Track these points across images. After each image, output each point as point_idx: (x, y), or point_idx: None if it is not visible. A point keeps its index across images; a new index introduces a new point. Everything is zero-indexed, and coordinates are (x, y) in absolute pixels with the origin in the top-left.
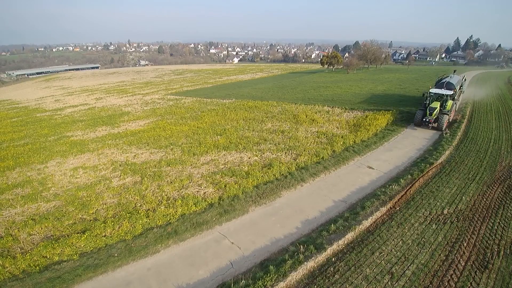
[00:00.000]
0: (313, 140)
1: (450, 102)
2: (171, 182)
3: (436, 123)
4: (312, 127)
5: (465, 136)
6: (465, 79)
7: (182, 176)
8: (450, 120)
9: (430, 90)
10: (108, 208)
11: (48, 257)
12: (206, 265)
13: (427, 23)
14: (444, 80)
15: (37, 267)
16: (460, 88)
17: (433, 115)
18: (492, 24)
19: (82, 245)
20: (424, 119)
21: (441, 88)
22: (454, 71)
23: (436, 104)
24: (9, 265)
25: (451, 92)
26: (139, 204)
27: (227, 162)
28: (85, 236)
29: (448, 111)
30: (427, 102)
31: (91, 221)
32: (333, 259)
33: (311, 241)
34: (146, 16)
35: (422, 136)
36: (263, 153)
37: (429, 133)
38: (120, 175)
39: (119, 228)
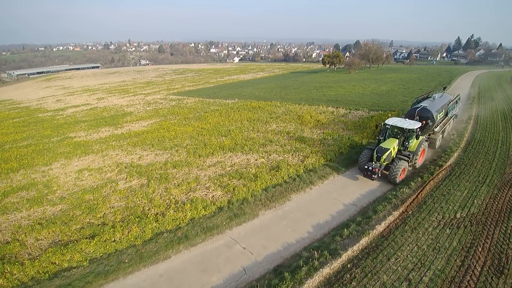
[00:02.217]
0: (319, 142)
1: (415, 141)
2: (178, 185)
3: (389, 172)
4: (318, 128)
5: (473, 137)
6: (458, 100)
7: (189, 179)
8: (417, 165)
9: (386, 121)
10: (116, 212)
11: (57, 263)
12: (219, 271)
13: (428, 22)
14: (418, 106)
15: (47, 274)
16: (446, 115)
17: (382, 160)
18: (493, 23)
19: (92, 251)
20: (367, 167)
21: (412, 116)
22: (444, 88)
23: (391, 143)
24: (18, 272)
25: (417, 126)
26: (147, 208)
27: (234, 164)
28: (94, 241)
29: (409, 154)
30: (382, 138)
31: (100, 226)
32: (348, 265)
33: (324, 246)
34: (146, 15)
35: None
36: (270, 155)
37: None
38: (126, 177)
39: (128, 233)
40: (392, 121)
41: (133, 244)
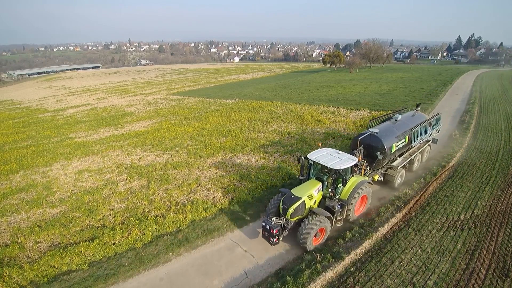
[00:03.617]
0: (320, 142)
1: (348, 185)
2: (178, 186)
3: (297, 233)
4: (319, 128)
5: (475, 137)
6: (436, 120)
7: (190, 180)
8: (352, 218)
9: (309, 155)
10: (116, 213)
11: (56, 266)
12: (220, 274)
13: (428, 21)
14: (365, 132)
15: (46, 278)
16: (410, 142)
17: (289, 215)
18: (494, 23)
19: (91, 254)
20: (264, 224)
21: (355, 146)
22: (418, 105)
23: (308, 189)
24: (16, 275)
25: (349, 164)
26: (148, 210)
27: (235, 165)
28: (94, 244)
29: (339, 205)
30: (303, 178)
31: (99, 228)
32: (351, 268)
33: (327, 249)
34: (147, 15)
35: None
36: (271, 155)
37: (438, 134)
38: (126, 178)
39: (128, 235)
40: (316, 155)
41: (133, 247)
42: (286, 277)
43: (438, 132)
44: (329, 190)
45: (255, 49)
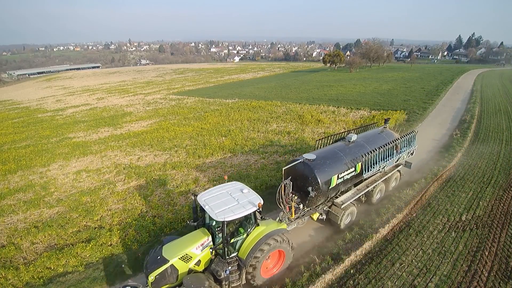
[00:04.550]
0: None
1: (251, 237)
2: (177, 187)
3: None
4: (319, 128)
5: (476, 137)
6: (409, 141)
7: (188, 180)
8: (256, 282)
9: (199, 197)
10: (113, 214)
11: (52, 268)
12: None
13: (429, 21)
14: (297, 159)
15: (41, 280)
16: (382, 167)
17: (150, 283)
18: (494, 22)
19: (88, 255)
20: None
21: (286, 176)
22: (386, 121)
23: (189, 244)
24: (12, 277)
25: (245, 213)
26: (145, 210)
27: (234, 165)
28: (90, 245)
29: (235, 265)
30: (193, 223)
31: (96, 229)
32: (351, 271)
33: (326, 250)
34: (147, 15)
35: (431, 137)
36: (270, 155)
37: (439, 133)
38: (125, 178)
39: (125, 236)
40: (209, 195)
41: (129, 248)
42: (285, 279)
43: (412, 154)
44: (221, 244)
45: (255, 48)
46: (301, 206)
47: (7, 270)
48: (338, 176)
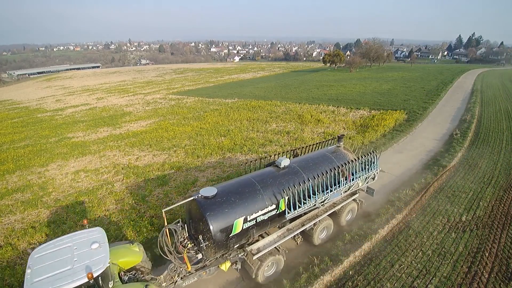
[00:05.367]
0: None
1: None
2: (175, 187)
3: None
4: (318, 128)
5: (476, 137)
6: (368, 165)
7: (187, 180)
8: None
9: (34, 252)
10: (111, 214)
11: None
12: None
13: (429, 20)
14: (195, 195)
15: None
16: (321, 201)
17: None
18: (495, 22)
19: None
20: None
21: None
22: (340, 138)
23: None
24: (9, 277)
25: (76, 284)
26: (143, 211)
27: (233, 165)
28: None
29: None
30: None
31: None
32: (350, 272)
33: (325, 251)
34: (147, 15)
35: (432, 137)
36: (269, 155)
37: (439, 133)
38: (123, 179)
39: (122, 237)
40: (46, 250)
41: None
42: (283, 281)
43: (374, 179)
44: None
45: (255, 48)
46: (199, 256)
47: (3, 270)
48: (246, 218)
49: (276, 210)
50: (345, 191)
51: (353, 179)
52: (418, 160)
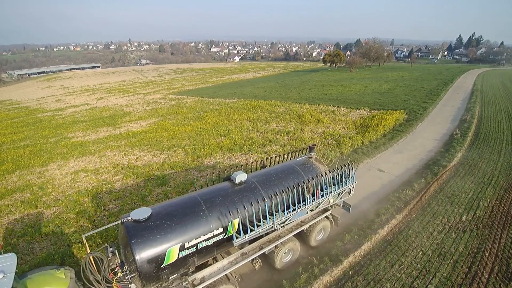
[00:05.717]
0: (319, 142)
1: None
2: (175, 187)
3: None
4: (318, 128)
5: (476, 137)
6: (343, 178)
7: (187, 180)
8: None
9: None
10: (111, 215)
11: None
12: None
13: (429, 20)
14: (124, 218)
15: None
16: (282, 222)
17: None
18: (495, 22)
19: (83, 256)
20: None
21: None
22: (311, 148)
23: None
24: None
25: None
26: None
27: (233, 165)
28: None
29: None
30: None
31: (93, 229)
32: (350, 272)
33: (325, 251)
34: (147, 15)
35: (432, 137)
36: (269, 155)
37: (439, 133)
38: (122, 178)
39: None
40: None
41: None
42: (282, 281)
43: (350, 193)
44: None
45: (256, 48)
46: (132, 286)
47: None
48: (183, 245)
49: (224, 234)
50: (313, 209)
51: (322, 196)
52: (418, 160)
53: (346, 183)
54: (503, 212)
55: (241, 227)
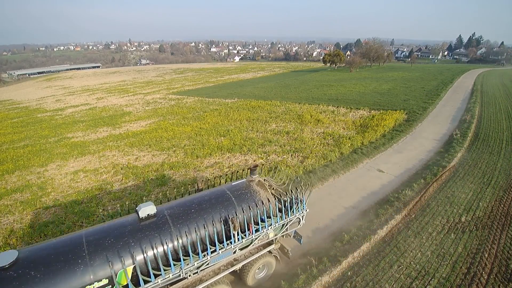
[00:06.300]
0: (319, 142)
1: None
2: (175, 187)
3: None
4: (318, 128)
5: (476, 137)
6: (293, 206)
7: (186, 180)
8: None
9: None
10: (110, 214)
11: None
12: None
13: (429, 20)
14: None
15: None
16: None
17: None
18: (495, 22)
19: None
20: None
21: None
22: (252, 170)
23: None
24: None
25: None
26: None
27: (232, 165)
28: None
29: None
30: None
31: None
32: (349, 273)
33: (323, 252)
34: (147, 15)
35: (431, 137)
36: (269, 156)
37: (439, 133)
38: (122, 179)
39: None
40: None
41: None
42: (281, 282)
43: (300, 224)
44: None
45: (256, 48)
46: None
47: None
48: None
49: (111, 286)
50: (245, 247)
51: (257, 230)
52: (418, 160)
53: (294, 212)
54: (502, 213)
55: (140, 277)
